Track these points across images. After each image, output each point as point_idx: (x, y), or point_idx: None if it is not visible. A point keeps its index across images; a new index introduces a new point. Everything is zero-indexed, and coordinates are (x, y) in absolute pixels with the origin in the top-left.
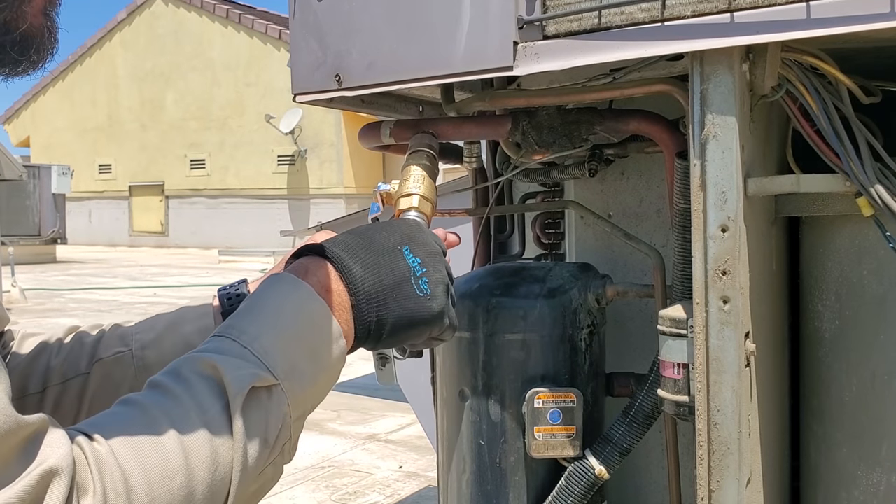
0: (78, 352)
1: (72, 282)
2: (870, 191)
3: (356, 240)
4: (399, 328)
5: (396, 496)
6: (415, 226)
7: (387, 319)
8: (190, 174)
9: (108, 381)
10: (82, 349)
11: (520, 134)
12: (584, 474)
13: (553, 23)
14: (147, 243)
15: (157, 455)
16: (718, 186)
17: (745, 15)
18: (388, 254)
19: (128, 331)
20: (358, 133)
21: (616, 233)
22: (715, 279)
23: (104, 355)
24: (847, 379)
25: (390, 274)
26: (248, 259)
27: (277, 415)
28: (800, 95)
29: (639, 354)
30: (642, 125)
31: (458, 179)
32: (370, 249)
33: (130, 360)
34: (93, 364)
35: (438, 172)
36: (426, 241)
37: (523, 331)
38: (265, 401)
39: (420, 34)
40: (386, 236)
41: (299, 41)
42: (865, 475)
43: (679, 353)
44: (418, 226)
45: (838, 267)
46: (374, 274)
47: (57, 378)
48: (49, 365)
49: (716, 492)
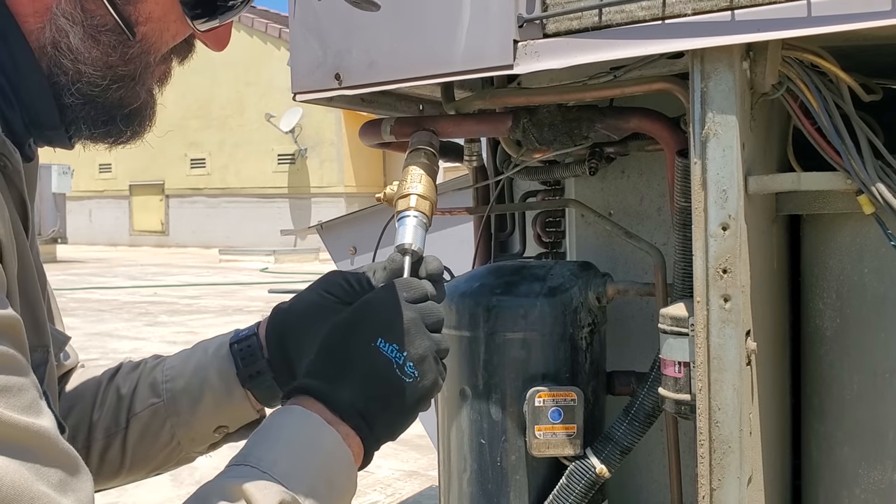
0: (116, 406)
1: (72, 281)
2: (871, 189)
3: (329, 363)
4: (405, 420)
5: (397, 495)
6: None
7: (392, 423)
8: (190, 173)
9: (147, 431)
10: (120, 404)
11: (520, 131)
12: (585, 473)
13: (553, 21)
14: (147, 243)
15: None
16: (719, 184)
17: (746, 13)
18: (365, 359)
19: (157, 378)
20: (359, 130)
21: (617, 231)
22: (716, 277)
23: (139, 410)
24: (848, 377)
25: (374, 380)
26: (249, 258)
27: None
28: (800, 93)
29: (640, 353)
30: (643, 123)
31: (459, 178)
32: (346, 365)
33: (164, 410)
34: (129, 419)
35: (438, 170)
36: (394, 318)
37: (524, 329)
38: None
39: (420, 33)
40: (357, 338)
41: (299, 40)
42: (867, 473)
43: (680, 352)
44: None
45: (839, 265)
46: (361, 391)
47: (100, 433)
48: (92, 420)
49: (717, 490)
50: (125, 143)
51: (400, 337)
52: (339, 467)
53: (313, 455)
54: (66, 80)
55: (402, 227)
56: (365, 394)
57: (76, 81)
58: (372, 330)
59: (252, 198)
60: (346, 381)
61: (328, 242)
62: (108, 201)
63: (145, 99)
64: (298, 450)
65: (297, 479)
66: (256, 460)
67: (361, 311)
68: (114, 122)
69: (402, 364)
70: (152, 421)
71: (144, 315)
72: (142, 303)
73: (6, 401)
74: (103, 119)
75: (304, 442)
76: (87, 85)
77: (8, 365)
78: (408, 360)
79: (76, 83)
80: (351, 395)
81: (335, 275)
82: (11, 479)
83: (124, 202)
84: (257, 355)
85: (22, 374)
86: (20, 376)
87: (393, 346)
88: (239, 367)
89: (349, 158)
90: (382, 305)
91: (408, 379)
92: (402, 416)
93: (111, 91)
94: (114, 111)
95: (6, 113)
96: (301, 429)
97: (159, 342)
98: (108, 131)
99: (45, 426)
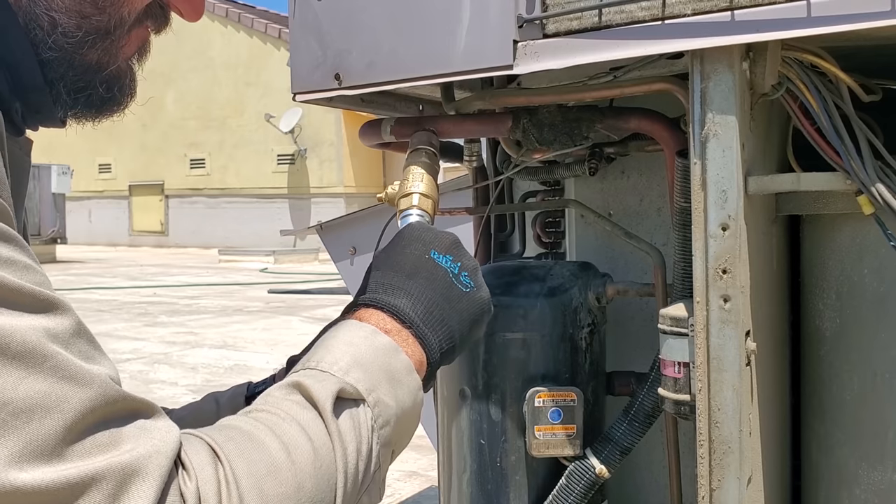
0: None
1: (72, 282)
2: (870, 189)
3: (387, 273)
4: (465, 335)
5: (397, 496)
6: (424, 227)
7: (453, 332)
8: (190, 174)
9: None
10: None
11: (520, 132)
12: (584, 473)
13: (553, 21)
14: (147, 243)
15: (260, 456)
16: (719, 185)
17: (746, 13)
18: (422, 268)
19: None
20: (359, 131)
21: (616, 231)
22: (715, 278)
23: None
24: (848, 377)
25: (433, 288)
26: (248, 259)
27: (366, 431)
28: (800, 94)
29: (639, 353)
30: (643, 123)
31: (459, 178)
32: (403, 273)
33: None
34: None
35: (439, 169)
36: (443, 236)
37: (523, 330)
38: (353, 411)
39: (420, 33)
40: (409, 251)
41: (299, 40)
42: (866, 474)
43: (680, 352)
44: (426, 226)
45: (839, 265)
46: (421, 297)
47: None
48: None
49: (717, 490)
50: (108, 113)
51: (450, 250)
52: (399, 370)
53: (375, 357)
54: (41, 34)
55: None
56: (425, 300)
57: (51, 33)
58: (422, 244)
59: (252, 198)
60: (404, 290)
61: (328, 243)
62: (108, 201)
63: (123, 67)
64: (359, 351)
65: (359, 376)
66: (315, 363)
67: (407, 234)
68: (93, 86)
69: (457, 274)
70: None
71: (144, 315)
72: (141, 303)
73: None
74: (81, 85)
75: (364, 345)
76: (63, 36)
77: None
78: (462, 269)
79: (51, 35)
80: (409, 301)
81: None
82: (22, 336)
83: (124, 202)
84: None
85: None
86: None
87: (447, 258)
88: None
89: (349, 159)
90: (424, 228)
91: (465, 289)
92: (462, 325)
93: (87, 46)
94: (91, 74)
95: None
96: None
97: (159, 342)
98: (88, 97)
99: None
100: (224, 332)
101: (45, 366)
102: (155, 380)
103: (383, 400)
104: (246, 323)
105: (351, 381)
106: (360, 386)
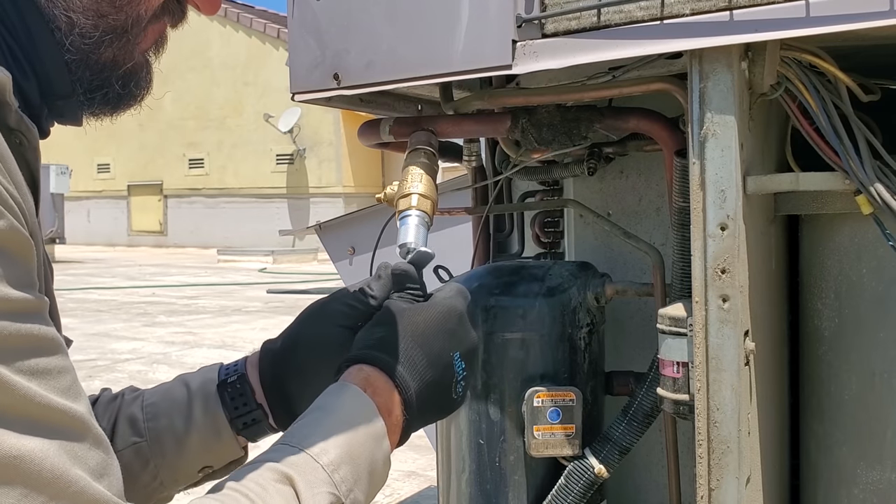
0: None
1: (70, 282)
2: (869, 189)
3: (419, 352)
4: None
5: (396, 496)
6: (464, 318)
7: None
8: (188, 173)
9: (128, 470)
10: None
11: (519, 131)
12: (583, 473)
13: (552, 21)
14: (146, 243)
15: None
16: (717, 185)
17: (744, 13)
18: (444, 367)
19: (136, 414)
20: (357, 130)
21: (615, 231)
22: (714, 277)
23: (120, 448)
24: (847, 377)
25: (439, 390)
26: (247, 259)
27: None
28: (799, 93)
29: (638, 353)
30: (641, 123)
31: (458, 178)
32: (430, 363)
33: (147, 450)
34: None
35: (438, 169)
36: (471, 339)
37: (522, 330)
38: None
39: (419, 33)
40: (442, 343)
41: (298, 40)
42: (865, 473)
43: (678, 352)
44: (465, 317)
45: (838, 265)
46: (427, 394)
47: None
48: None
49: (715, 490)
50: (125, 108)
51: (467, 357)
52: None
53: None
54: (59, 36)
55: (403, 226)
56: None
57: (69, 35)
58: (457, 341)
59: (250, 198)
60: (422, 378)
61: (327, 242)
62: (107, 201)
63: (140, 61)
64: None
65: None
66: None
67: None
68: (109, 84)
69: (458, 382)
70: (134, 461)
71: (143, 315)
72: (140, 303)
73: (46, 383)
74: (97, 84)
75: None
76: (80, 37)
77: (46, 347)
78: (462, 380)
79: (69, 36)
80: (418, 394)
81: (334, 302)
82: (52, 462)
83: (122, 202)
84: (250, 402)
85: (60, 354)
86: (59, 357)
87: (461, 365)
88: (230, 412)
89: (347, 158)
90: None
91: (455, 396)
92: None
93: (104, 45)
94: (107, 72)
95: (22, 85)
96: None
97: (157, 342)
98: (105, 95)
99: (82, 410)
100: (223, 332)
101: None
102: (154, 380)
103: (359, 499)
104: (245, 323)
105: (337, 480)
106: (344, 487)
